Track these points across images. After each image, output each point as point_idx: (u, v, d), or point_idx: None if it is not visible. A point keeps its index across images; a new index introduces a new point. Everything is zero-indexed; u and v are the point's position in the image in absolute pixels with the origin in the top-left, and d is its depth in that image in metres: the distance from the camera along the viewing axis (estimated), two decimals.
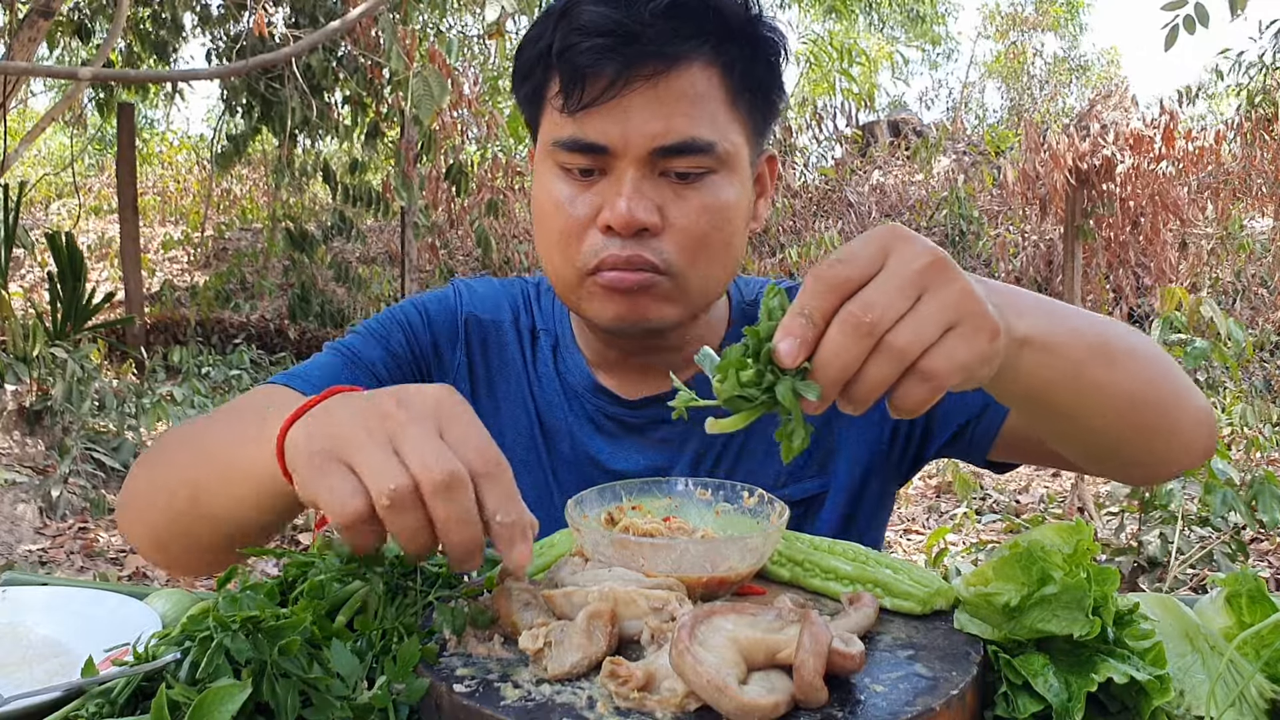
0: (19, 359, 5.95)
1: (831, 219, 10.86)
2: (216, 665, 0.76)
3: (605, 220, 1.13)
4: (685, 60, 1.12)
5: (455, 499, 0.75)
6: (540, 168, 1.21)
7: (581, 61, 1.10)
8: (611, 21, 1.09)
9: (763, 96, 1.20)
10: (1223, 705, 0.77)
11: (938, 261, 0.76)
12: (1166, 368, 1.07)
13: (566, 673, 0.76)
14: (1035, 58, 18.90)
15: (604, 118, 1.12)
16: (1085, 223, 8.17)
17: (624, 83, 1.10)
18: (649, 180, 1.13)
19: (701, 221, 1.15)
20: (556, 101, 1.14)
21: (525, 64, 1.19)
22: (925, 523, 5.28)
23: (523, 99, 1.23)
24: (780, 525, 0.89)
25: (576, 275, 1.17)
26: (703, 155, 1.13)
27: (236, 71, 7.90)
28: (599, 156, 1.13)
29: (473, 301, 1.38)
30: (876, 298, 0.73)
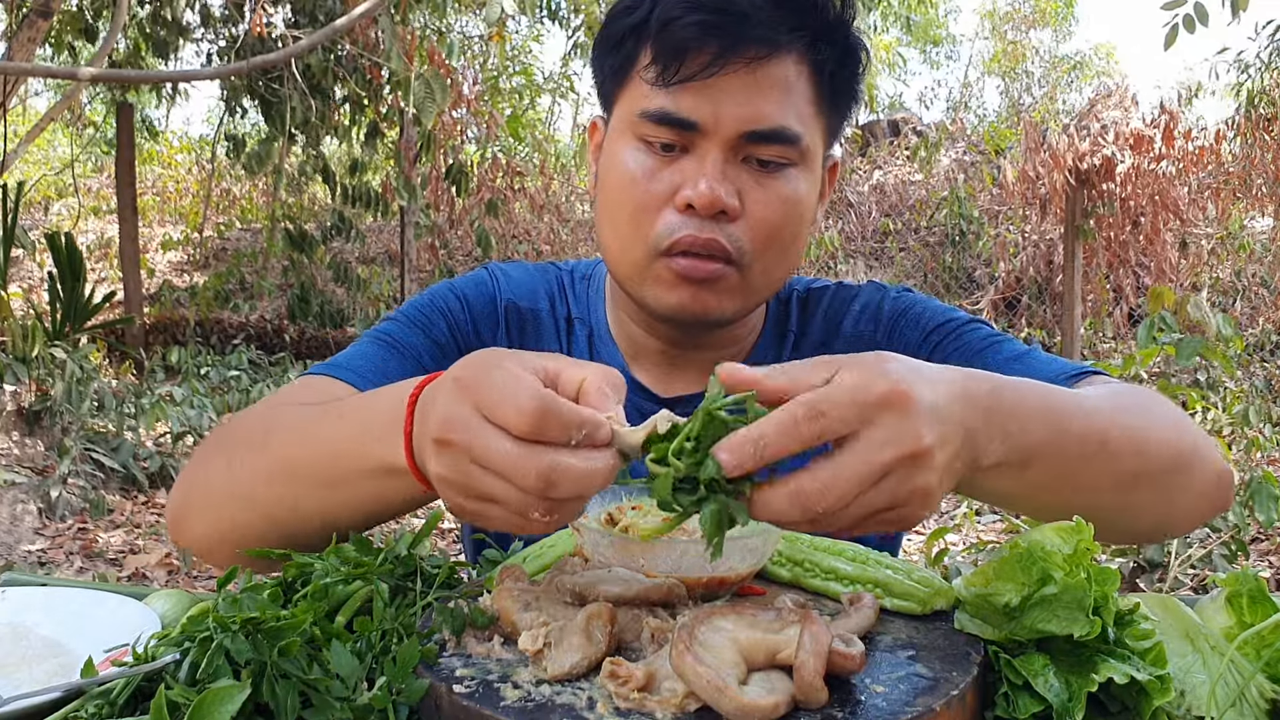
0: (18, 359, 5.95)
1: (831, 219, 10.85)
2: (216, 666, 0.76)
3: (686, 198, 1.12)
4: (784, 50, 1.12)
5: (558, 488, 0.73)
6: (616, 140, 1.19)
7: (685, 34, 1.09)
8: (717, 4, 1.09)
9: (844, 101, 1.20)
10: (1223, 705, 0.77)
11: (917, 455, 0.73)
12: (1175, 440, 1.01)
13: (566, 673, 0.76)
14: (1033, 55, 18.91)
15: (698, 94, 1.11)
16: (1085, 222, 8.17)
17: (724, 62, 1.09)
18: (732, 164, 1.13)
19: (778, 212, 1.15)
20: (648, 73, 1.13)
21: (615, 34, 1.18)
22: (925, 523, 5.28)
23: (607, 70, 1.21)
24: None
25: (647, 254, 1.16)
26: (788, 146, 1.14)
27: (236, 72, 7.90)
28: (686, 132, 1.13)
29: (510, 288, 1.37)
30: (834, 485, 0.71)
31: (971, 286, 10.03)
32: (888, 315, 1.33)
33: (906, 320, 1.32)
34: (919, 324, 1.31)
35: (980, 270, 10.10)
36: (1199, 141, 8.86)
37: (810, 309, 1.37)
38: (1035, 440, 0.87)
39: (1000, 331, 1.30)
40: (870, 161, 11.46)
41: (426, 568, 0.94)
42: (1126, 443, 0.95)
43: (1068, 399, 0.94)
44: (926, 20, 18.28)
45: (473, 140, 10.34)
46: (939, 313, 1.33)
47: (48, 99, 14.65)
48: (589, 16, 8.28)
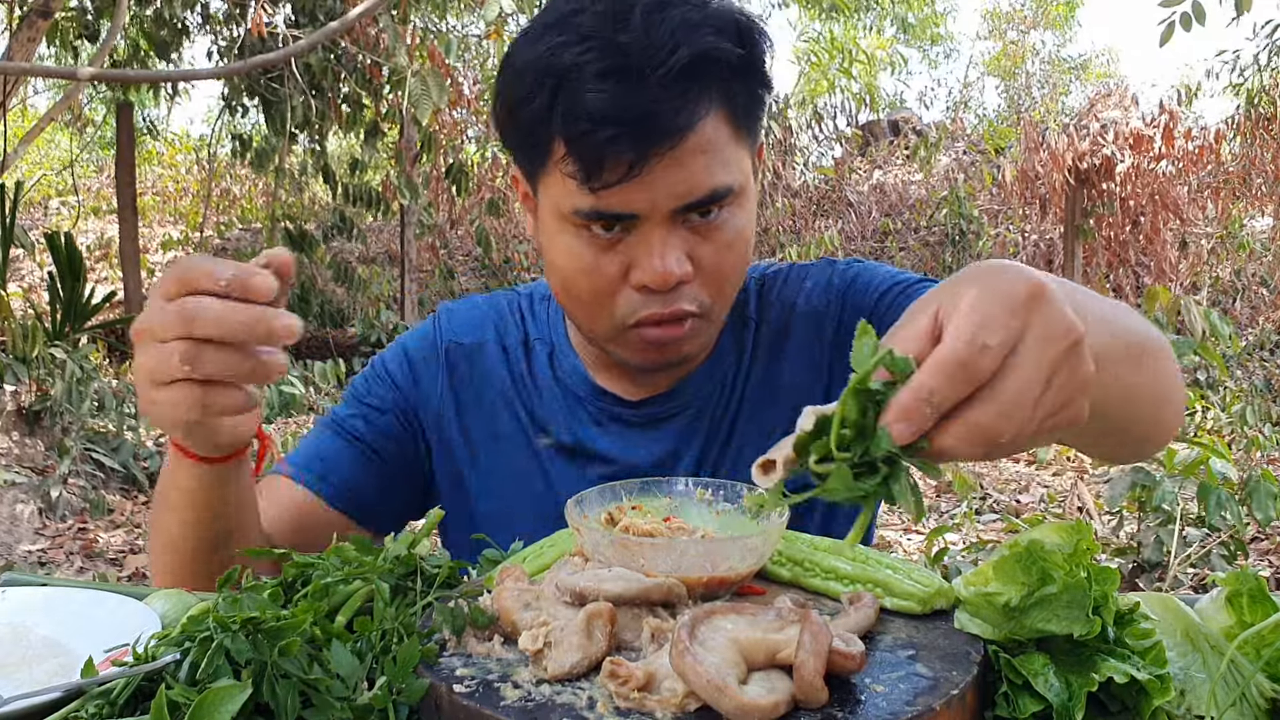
0: (18, 359, 5.95)
1: (831, 218, 10.86)
2: (216, 666, 0.76)
3: (640, 281, 1.12)
4: (700, 120, 1.08)
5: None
6: (551, 222, 1.17)
7: (597, 150, 1.06)
8: (622, 107, 1.04)
9: (758, 106, 1.18)
10: (1223, 705, 0.77)
11: (1077, 342, 0.69)
12: (1171, 357, 1.04)
13: (566, 673, 0.76)
14: (1034, 56, 18.91)
15: (627, 191, 1.08)
16: (1085, 222, 8.17)
17: (644, 161, 1.06)
18: (674, 232, 1.11)
19: (728, 258, 1.15)
20: (567, 168, 1.09)
21: (520, 126, 1.13)
22: (925, 522, 5.28)
23: (521, 153, 1.18)
24: (780, 525, 0.89)
25: (613, 328, 1.17)
26: (724, 199, 1.13)
27: (236, 71, 7.91)
28: (625, 222, 1.11)
29: (452, 327, 1.39)
30: (1018, 407, 0.67)
31: None
32: (838, 287, 1.33)
33: (857, 288, 1.31)
34: (870, 288, 1.31)
35: None
36: (1199, 141, 8.86)
37: (767, 294, 1.36)
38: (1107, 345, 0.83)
39: None
40: (870, 161, 11.46)
41: (426, 567, 0.94)
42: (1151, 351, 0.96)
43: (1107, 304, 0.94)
44: (924, 20, 18.28)
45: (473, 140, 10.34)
46: (889, 276, 1.32)
47: (47, 99, 14.65)
48: None
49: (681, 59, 1.04)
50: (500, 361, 1.36)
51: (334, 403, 6.68)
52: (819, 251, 9.82)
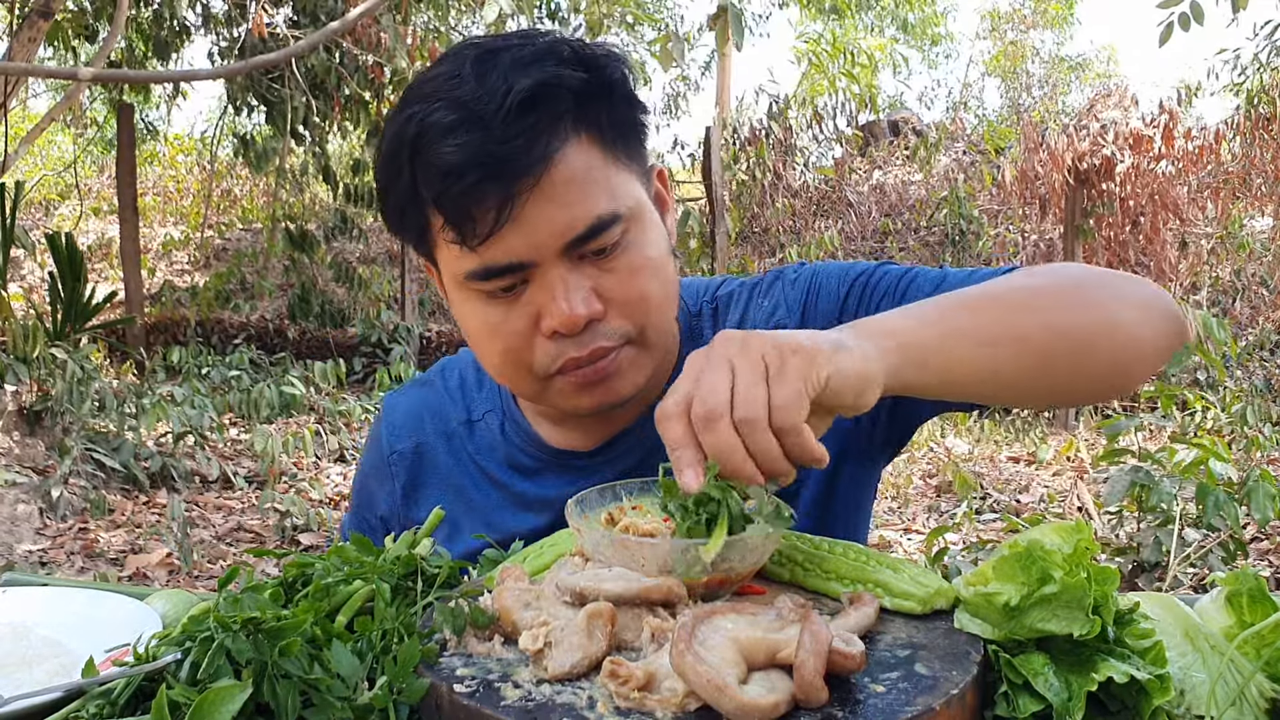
0: (19, 359, 5.95)
1: (831, 219, 10.86)
2: (217, 666, 0.76)
3: (550, 327, 1.10)
4: (558, 150, 1.07)
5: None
6: (455, 296, 1.17)
7: (462, 203, 1.06)
8: (476, 151, 1.04)
9: (632, 129, 1.16)
10: (1223, 705, 0.77)
11: (733, 340, 0.89)
12: (1082, 301, 1.09)
13: (567, 673, 0.76)
14: (1034, 56, 18.91)
15: (506, 239, 1.07)
16: (1085, 222, 8.17)
17: (512, 203, 1.05)
18: (574, 271, 1.10)
19: (639, 283, 1.13)
20: (449, 235, 1.09)
21: (396, 206, 1.14)
22: (925, 522, 5.28)
23: (406, 235, 1.18)
24: (781, 525, 0.89)
25: (538, 381, 1.15)
26: (612, 227, 1.10)
27: (236, 72, 7.91)
28: (517, 272, 1.10)
29: (392, 433, 1.39)
30: (704, 393, 0.86)
31: None
32: (794, 299, 1.30)
33: (816, 294, 1.29)
34: (829, 293, 1.28)
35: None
36: (1198, 141, 8.86)
37: (723, 318, 1.34)
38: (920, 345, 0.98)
39: (908, 265, 1.30)
40: (870, 161, 11.46)
41: (427, 567, 0.94)
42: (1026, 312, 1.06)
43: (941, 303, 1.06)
44: (924, 20, 18.28)
45: None
46: (843, 273, 1.30)
47: (47, 99, 14.66)
48: (589, 17, 8.29)
49: (518, 95, 1.04)
50: (444, 452, 1.36)
51: (334, 403, 6.63)
52: (819, 251, 9.81)
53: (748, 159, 10.74)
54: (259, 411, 6.86)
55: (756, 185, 10.73)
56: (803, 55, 13.52)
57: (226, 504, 5.69)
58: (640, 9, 13.44)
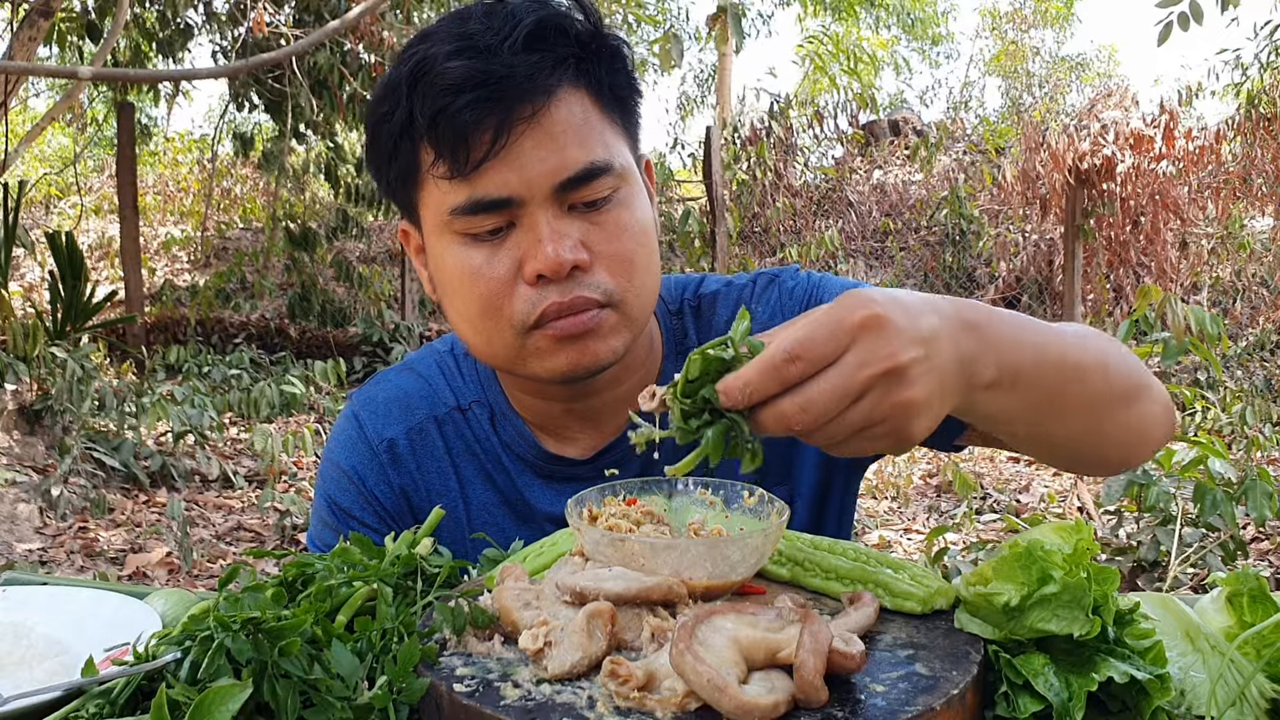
0: (19, 358, 5.95)
1: (832, 218, 10.85)
2: (217, 665, 0.76)
3: (534, 270, 1.08)
4: (557, 89, 1.08)
5: None
6: (437, 242, 1.14)
7: (461, 121, 1.05)
8: (478, 72, 1.05)
9: (630, 105, 1.17)
10: (1223, 705, 0.77)
11: (893, 371, 0.80)
12: (1128, 373, 1.07)
13: (567, 672, 0.76)
14: (1034, 56, 18.90)
15: (498, 170, 1.07)
16: (1085, 222, 8.17)
17: (509, 129, 1.06)
18: (562, 218, 1.09)
19: (626, 242, 1.12)
20: (438, 170, 1.09)
21: (387, 143, 1.13)
22: (925, 522, 5.28)
23: (392, 180, 1.16)
24: (780, 525, 0.89)
25: (515, 335, 1.12)
26: (605, 177, 1.10)
27: (238, 70, 7.90)
28: (505, 211, 1.08)
29: (377, 424, 1.30)
30: (812, 405, 0.79)
31: (972, 286, 10.03)
32: (791, 310, 1.27)
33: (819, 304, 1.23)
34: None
35: (980, 270, 10.10)
36: (1199, 141, 8.86)
37: (706, 317, 1.32)
38: (1023, 359, 0.93)
39: None
40: (870, 161, 11.46)
41: (427, 567, 0.94)
42: (1095, 367, 1.02)
43: (1044, 326, 1.01)
44: (924, 18, 18.28)
45: None
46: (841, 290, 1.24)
47: (47, 98, 14.65)
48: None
49: (525, 28, 1.06)
50: (438, 437, 1.29)
51: (335, 402, 6.61)
52: (819, 251, 9.80)
53: (748, 158, 10.74)
54: (259, 411, 6.86)
55: (757, 185, 10.72)
56: (806, 55, 13.52)
57: (226, 503, 5.69)
58: (641, 9, 13.44)
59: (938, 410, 0.84)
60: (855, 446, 0.83)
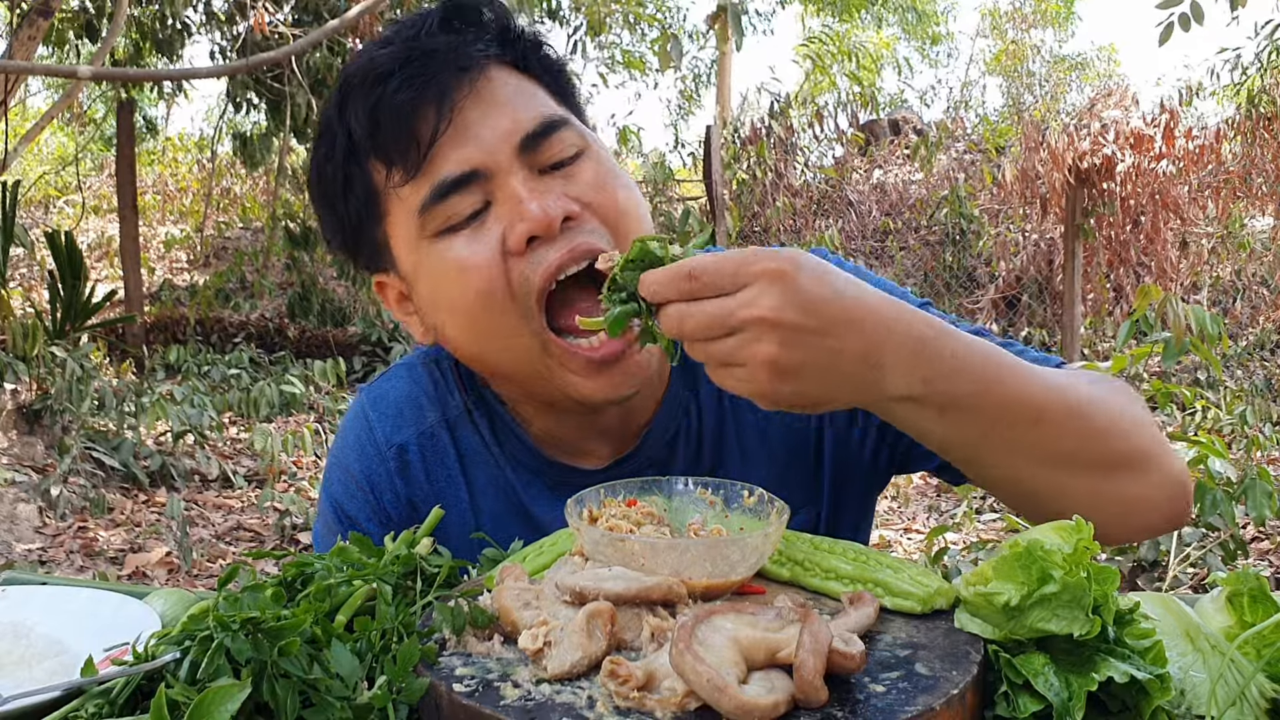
0: (19, 358, 5.94)
1: (832, 218, 10.85)
2: (217, 665, 0.76)
3: (523, 232, 1.02)
4: (486, 65, 1.07)
5: None
6: (416, 258, 1.09)
7: (398, 104, 1.03)
8: (402, 55, 1.04)
9: (564, 81, 1.16)
10: (1224, 705, 0.77)
11: (766, 321, 0.84)
12: (1127, 431, 1.01)
13: (566, 672, 0.76)
14: (1034, 55, 18.90)
15: (452, 147, 1.04)
16: (1085, 222, 8.16)
17: (450, 102, 1.04)
18: (537, 181, 1.06)
19: (613, 191, 1.08)
20: (395, 178, 1.06)
21: (336, 178, 1.10)
22: (925, 522, 5.28)
23: (354, 217, 1.12)
24: (780, 525, 0.89)
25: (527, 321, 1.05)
26: (565, 130, 1.08)
27: (237, 70, 7.90)
28: (474, 186, 1.04)
29: (387, 427, 1.25)
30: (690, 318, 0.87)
31: (972, 285, 10.03)
32: None
33: None
34: None
35: (980, 269, 10.09)
36: (1199, 140, 8.85)
37: None
38: (959, 390, 0.92)
39: (948, 315, 1.20)
40: (870, 160, 11.45)
41: (426, 567, 0.94)
42: (1066, 422, 0.97)
43: (1013, 365, 0.97)
44: (925, 17, 18.28)
45: None
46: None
47: (45, 97, 14.65)
48: (590, 15, 8.28)
49: (438, 13, 1.08)
50: (449, 442, 1.24)
51: (334, 402, 6.61)
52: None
53: (748, 158, 10.74)
54: (259, 410, 6.86)
55: (757, 184, 10.72)
56: (806, 54, 13.52)
57: (226, 503, 5.69)
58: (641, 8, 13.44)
59: (813, 388, 0.88)
60: (723, 378, 0.89)
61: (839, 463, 1.25)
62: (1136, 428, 1.02)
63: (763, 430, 1.23)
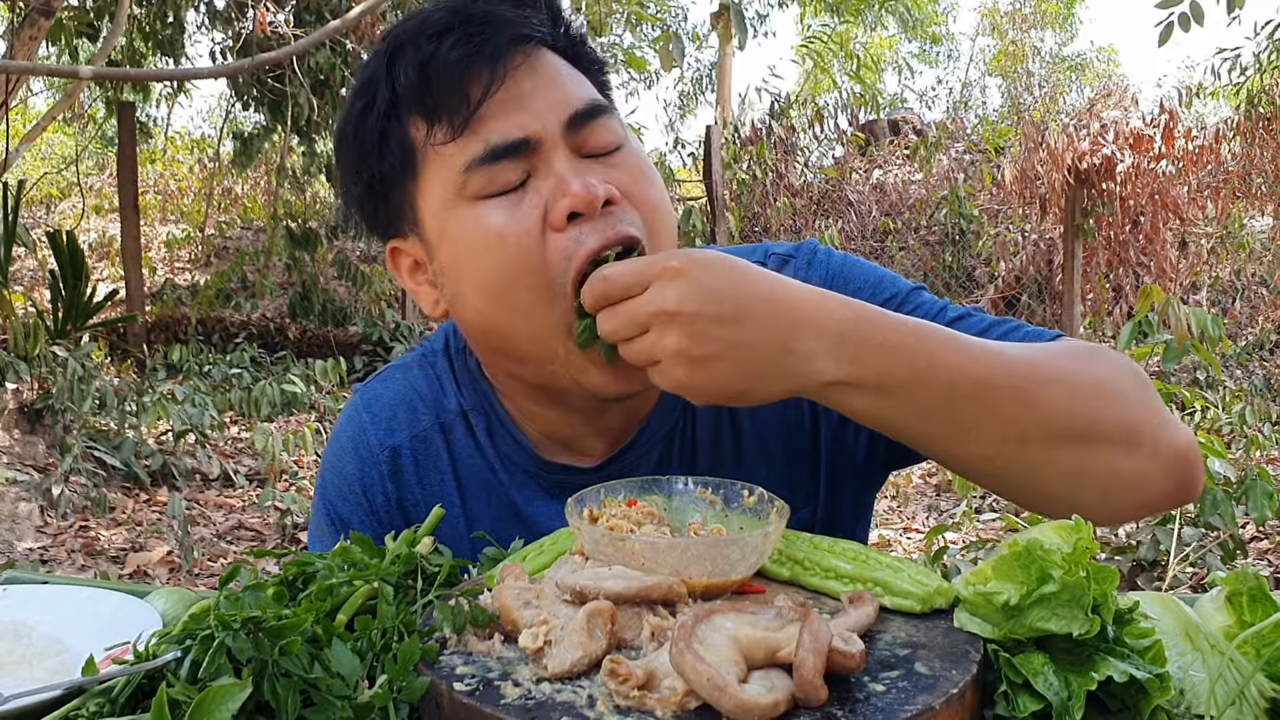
0: (20, 357, 5.95)
1: (831, 218, 10.85)
2: (218, 664, 0.76)
3: (566, 207, 1.01)
4: (538, 41, 1.07)
5: None
6: (450, 219, 1.06)
7: (452, 60, 1.01)
8: (461, 14, 1.03)
9: (604, 81, 1.15)
10: (1223, 704, 0.77)
11: (666, 313, 0.91)
12: (1102, 402, 0.97)
13: (567, 671, 0.76)
14: (1034, 56, 18.89)
15: (505, 112, 1.02)
16: (1085, 222, 8.16)
17: (504, 69, 1.02)
18: (580, 163, 1.05)
19: (649, 187, 1.08)
20: (438, 135, 1.03)
21: (371, 134, 1.07)
22: (925, 521, 5.28)
23: (386, 174, 1.09)
24: (780, 524, 0.89)
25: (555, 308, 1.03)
26: (609, 118, 1.08)
27: (238, 70, 7.90)
28: (523, 156, 1.03)
29: (380, 430, 1.24)
30: (610, 319, 0.95)
31: (971, 285, 10.02)
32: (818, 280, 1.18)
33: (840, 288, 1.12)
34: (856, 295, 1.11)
35: (980, 269, 10.09)
36: (1198, 140, 8.85)
37: None
38: (892, 370, 0.93)
39: (940, 299, 1.19)
40: (870, 160, 11.45)
41: (427, 566, 0.94)
42: (1028, 396, 0.95)
43: (950, 340, 0.96)
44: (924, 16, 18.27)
45: None
46: (871, 283, 1.20)
47: (46, 97, 14.65)
48: (591, 15, 8.28)
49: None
50: (442, 445, 1.23)
51: (335, 401, 6.61)
52: None
53: (749, 158, 10.74)
54: (260, 410, 6.86)
55: (757, 184, 10.72)
56: (806, 54, 13.52)
57: (227, 502, 5.69)
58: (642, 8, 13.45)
59: (730, 376, 0.91)
60: (654, 376, 0.94)
61: (835, 461, 1.25)
62: (1121, 398, 0.98)
63: (759, 430, 1.23)
